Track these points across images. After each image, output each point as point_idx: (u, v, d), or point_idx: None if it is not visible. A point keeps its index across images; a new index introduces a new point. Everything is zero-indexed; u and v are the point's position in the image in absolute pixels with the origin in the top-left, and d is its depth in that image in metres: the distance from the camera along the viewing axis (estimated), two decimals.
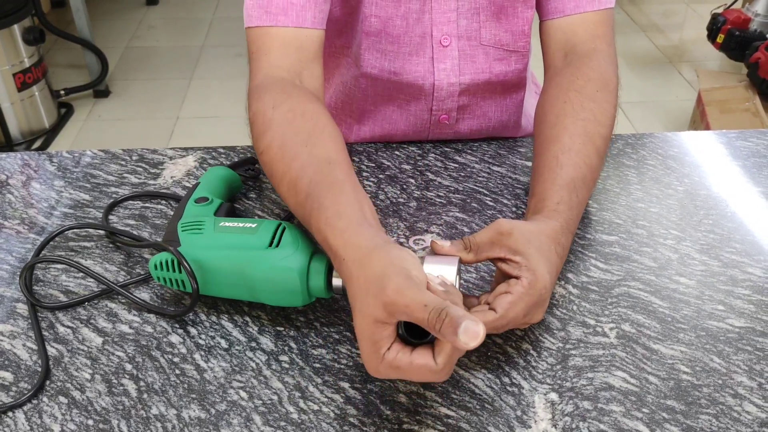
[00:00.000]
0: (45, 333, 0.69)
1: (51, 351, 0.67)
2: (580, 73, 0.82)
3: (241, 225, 0.69)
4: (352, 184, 0.66)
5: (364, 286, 0.55)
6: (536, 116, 0.84)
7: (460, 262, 0.63)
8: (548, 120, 0.79)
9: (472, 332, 0.49)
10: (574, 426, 0.60)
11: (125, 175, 0.91)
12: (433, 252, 0.64)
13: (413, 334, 0.55)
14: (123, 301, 0.72)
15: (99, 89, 2.92)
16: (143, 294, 0.73)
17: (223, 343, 0.68)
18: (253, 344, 0.67)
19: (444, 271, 0.61)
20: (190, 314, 0.70)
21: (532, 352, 0.67)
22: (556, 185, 0.72)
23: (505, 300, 0.60)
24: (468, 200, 0.86)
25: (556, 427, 0.60)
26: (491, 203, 0.86)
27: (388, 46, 0.91)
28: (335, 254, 0.60)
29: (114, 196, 0.87)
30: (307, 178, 0.66)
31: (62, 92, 2.82)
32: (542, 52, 0.92)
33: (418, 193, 0.87)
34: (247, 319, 0.70)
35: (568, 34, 0.88)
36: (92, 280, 0.74)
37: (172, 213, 0.83)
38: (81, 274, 0.75)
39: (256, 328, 0.69)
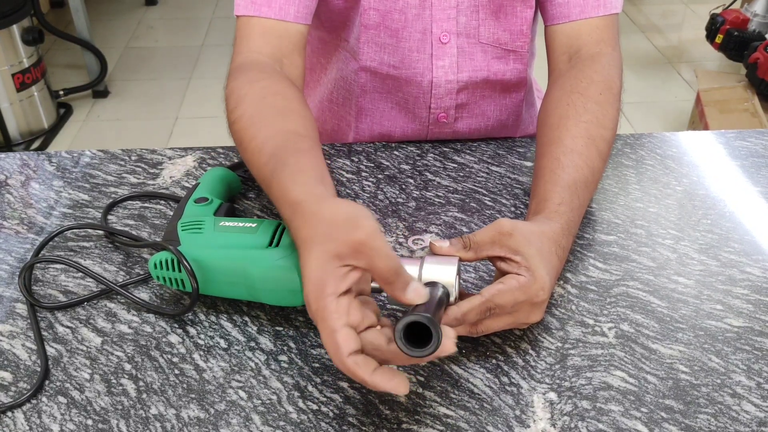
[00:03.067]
0: (44, 333, 0.69)
1: (50, 351, 0.67)
2: (583, 76, 0.82)
3: (241, 225, 0.69)
4: (315, 154, 0.68)
5: (329, 223, 0.55)
6: (539, 118, 0.84)
7: (460, 261, 0.63)
8: (551, 122, 0.80)
9: (419, 292, 0.54)
10: (572, 425, 0.60)
11: (124, 175, 0.91)
12: (432, 252, 0.64)
13: (412, 343, 0.54)
14: (122, 301, 0.72)
15: (98, 89, 2.92)
16: (142, 294, 0.73)
17: (223, 343, 0.68)
18: (252, 344, 0.67)
19: (444, 272, 0.61)
20: (190, 314, 0.71)
21: (530, 351, 0.67)
22: (557, 186, 0.72)
23: (494, 287, 0.61)
24: (467, 200, 0.86)
25: (554, 427, 0.60)
26: (490, 203, 0.86)
27: (387, 39, 0.91)
28: (292, 200, 0.60)
29: (113, 196, 0.87)
30: (273, 144, 0.68)
31: (61, 92, 2.82)
32: (547, 55, 0.92)
33: (417, 193, 0.87)
34: (247, 318, 0.70)
35: (572, 39, 0.88)
36: (91, 280, 0.74)
37: (171, 213, 0.83)
38: (80, 274, 0.75)
39: (255, 328, 0.69)
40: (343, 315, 0.53)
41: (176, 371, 0.65)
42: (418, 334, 0.54)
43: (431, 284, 0.60)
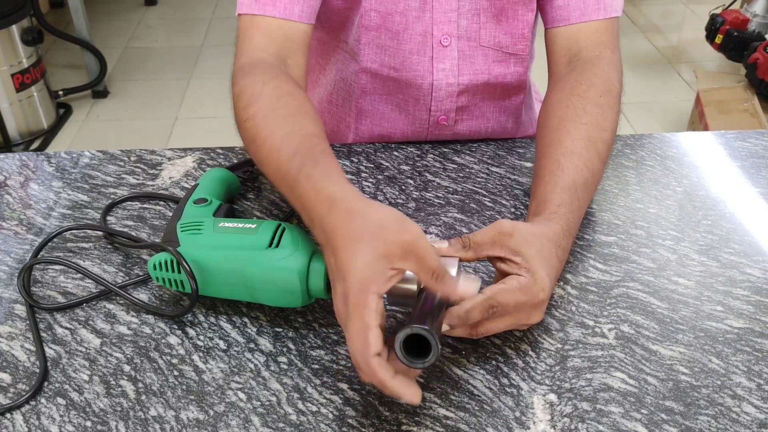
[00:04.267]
0: (43, 334, 0.69)
1: (49, 352, 0.67)
2: (583, 78, 0.82)
3: (240, 225, 0.69)
4: (335, 158, 0.68)
5: (380, 223, 0.56)
6: (539, 120, 0.84)
7: (460, 261, 0.63)
8: (551, 124, 0.80)
9: (469, 287, 0.58)
10: (572, 427, 0.60)
11: (124, 175, 0.91)
12: None
13: (412, 354, 0.54)
14: (121, 302, 0.72)
15: (97, 90, 2.92)
16: (141, 295, 0.73)
17: (222, 344, 0.67)
18: (252, 345, 0.67)
19: None
20: (189, 315, 0.70)
21: (530, 353, 0.67)
22: (557, 188, 0.72)
23: (496, 286, 0.61)
24: (467, 201, 0.86)
25: (554, 428, 0.60)
26: (490, 204, 0.86)
27: (387, 41, 0.91)
28: (330, 195, 0.60)
29: (112, 197, 0.87)
30: (295, 142, 0.68)
31: (61, 93, 2.82)
32: (547, 58, 0.92)
33: (417, 193, 0.87)
34: (246, 320, 0.70)
35: (572, 41, 0.88)
36: (90, 281, 0.74)
37: (170, 214, 0.83)
38: (79, 275, 0.75)
39: (254, 329, 0.69)
40: (379, 316, 0.54)
41: (175, 372, 0.65)
42: (418, 345, 0.54)
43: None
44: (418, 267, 0.55)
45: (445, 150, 0.96)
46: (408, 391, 0.54)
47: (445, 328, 0.59)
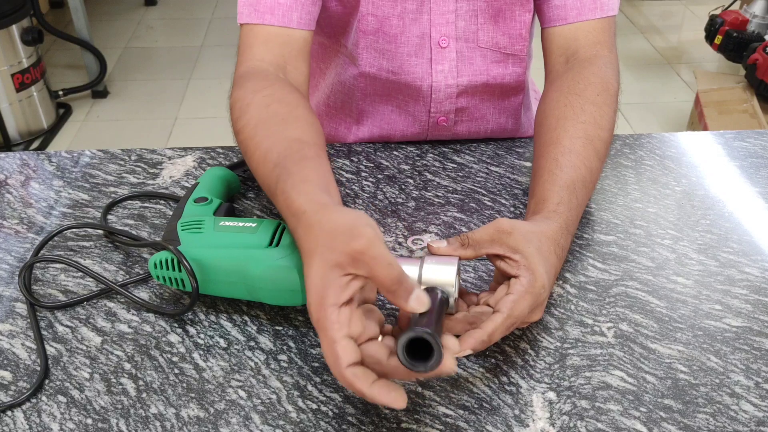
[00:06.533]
0: (44, 332, 0.69)
1: (50, 350, 0.67)
2: (580, 77, 0.83)
3: (240, 224, 0.69)
4: (320, 162, 0.68)
5: (330, 233, 0.55)
6: (536, 119, 0.84)
7: (459, 260, 0.63)
8: (548, 123, 0.80)
9: (422, 300, 0.54)
10: (571, 425, 0.60)
11: (124, 175, 0.91)
12: (431, 253, 0.64)
13: (414, 356, 0.53)
14: (122, 300, 0.72)
15: (97, 90, 2.92)
16: (142, 293, 0.73)
17: (222, 343, 0.68)
18: (252, 343, 0.68)
19: (444, 272, 0.61)
20: (189, 314, 0.71)
21: (530, 351, 0.67)
22: (555, 186, 0.72)
23: (509, 300, 0.60)
24: (466, 200, 0.86)
25: (553, 426, 0.60)
26: (489, 203, 0.86)
27: (385, 45, 0.91)
28: (296, 210, 0.60)
29: (113, 195, 0.87)
30: (277, 152, 0.68)
31: (61, 93, 2.82)
32: (543, 57, 0.92)
33: (417, 193, 0.87)
34: (246, 318, 0.70)
35: (569, 40, 0.88)
36: (91, 279, 0.74)
37: (170, 213, 0.83)
38: (80, 273, 0.75)
39: (254, 328, 0.69)
40: (344, 326, 0.53)
41: (176, 370, 0.65)
42: (421, 348, 0.53)
43: (430, 290, 0.59)
44: (371, 275, 0.53)
45: (444, 149, 0.96)
46: (389, 397, 0.52)
47: (467, 352, 0.58)
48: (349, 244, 0.53)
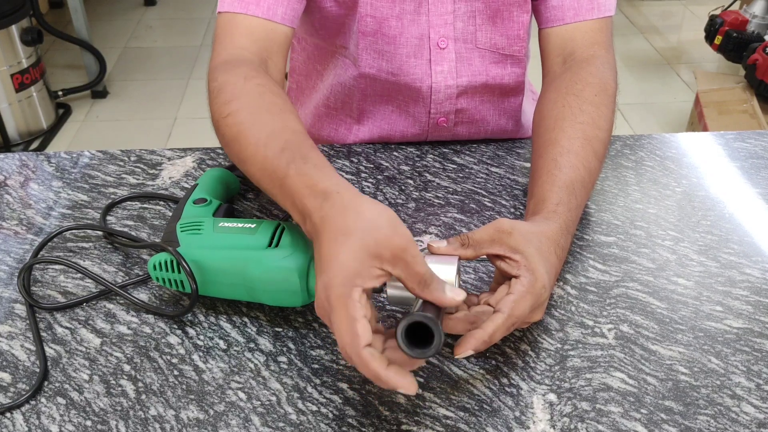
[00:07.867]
0: (43, 334, 0.69)
1: (49, 352, 0.67)
2: (578, 78, 0.83)
3: (240, 225, 0.69)
4: (323, 155, 0.68)
5: (372, 221, 0.56)
6: (534, 120, 0.84)
7: (459, 260, 0.63)
8: (547, 123, 0.80)
9: (458, 291, 0.56)
10: (572, 427, 0.60)
11: (123, 175, 0.91)
12: (431, 253, 0.64)
13: (414, 343, 0.54)
14: (121, 301, 0.72)
15: (97, 90, 2.92)
16: (141, 295, 0.73)
17: (222, 344, 0.67)
18: (252, 345, 0.67)
19: (444, 271, 0.61)
20: (189, 315, 0.70)
21: (530, 352, 0.67)
22: (555, 187, 0.72)
23: (510, 299, 0.60)
24: (466, 201, 0.86)
25: (554, 428, 0.60)
26: (489, 204, 0.86)
27: (384, 46, 0.91)
28: (323, 189, 0.60)
29: (112, 196, 0.87)
30: (284, 138, 0.68)
31: (60, 93, 2.82)
32: (541, 58, 0.92)
33: (417, 194, 0.87)
34: (246, 319, 0.70)
35: (567, 41, 0.88)
36: (90, 280, 0.74)
37: (170, 214, 0.83)
38: (79, 274, 0.75)
39: (254, 329, 0.69)
40: (364, 308, 0.54)
41: (175, 372, 0.65)
42: (419, 337, 0.54)
43: None
44: (406, 273, 0.55)
45: (444, 150, 0.96)
46: (404, 381, 0.53)
47: (468, 353, 0.58)
48: (392, 239, 0.55)
